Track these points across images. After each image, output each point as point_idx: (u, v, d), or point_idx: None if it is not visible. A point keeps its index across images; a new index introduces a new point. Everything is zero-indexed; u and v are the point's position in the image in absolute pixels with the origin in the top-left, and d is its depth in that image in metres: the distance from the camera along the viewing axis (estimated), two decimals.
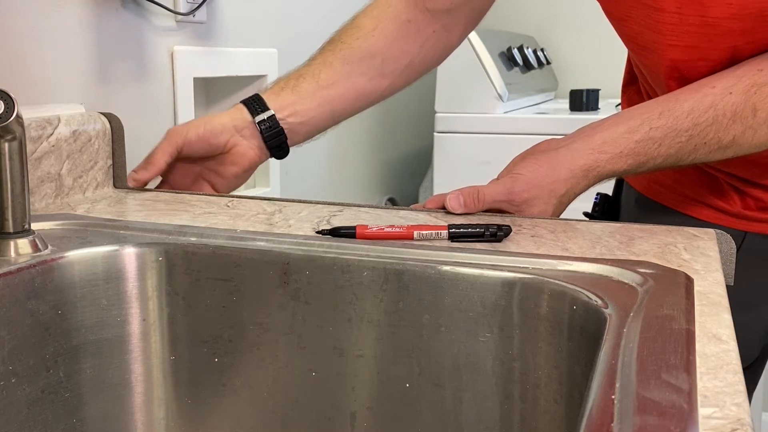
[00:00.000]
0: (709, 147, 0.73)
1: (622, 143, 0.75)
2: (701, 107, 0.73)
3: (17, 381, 0.56)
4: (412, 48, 0.95)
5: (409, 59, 0.95)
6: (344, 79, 0.93)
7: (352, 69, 0.94)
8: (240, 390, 0.64)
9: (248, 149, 0.91)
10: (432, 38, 0.95)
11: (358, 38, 0.94)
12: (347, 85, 0.93)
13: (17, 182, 0.58)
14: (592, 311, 0.51)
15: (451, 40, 0.97)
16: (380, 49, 0.94)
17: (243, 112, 0.91)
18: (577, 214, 0.77)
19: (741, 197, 0.85)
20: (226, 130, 0.90)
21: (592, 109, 1.88)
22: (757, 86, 0.71)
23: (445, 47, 0.97)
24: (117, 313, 0.63)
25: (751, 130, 0.71)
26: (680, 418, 0.34)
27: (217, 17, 1.16)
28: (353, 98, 0.94)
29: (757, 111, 0.71)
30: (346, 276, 0.61)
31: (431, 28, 0.95)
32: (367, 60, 0.94)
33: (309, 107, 0.92)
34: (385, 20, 0.95)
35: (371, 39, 0.94)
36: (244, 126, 0.90)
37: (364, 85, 0.94)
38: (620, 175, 0.77)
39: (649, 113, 0.75)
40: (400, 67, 0.95)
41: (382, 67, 0.94)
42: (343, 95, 0.93)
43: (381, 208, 0.79)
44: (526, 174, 0.76)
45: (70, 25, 0.89)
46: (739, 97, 0.72)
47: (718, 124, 0.72)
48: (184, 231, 0.66)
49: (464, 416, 0.59)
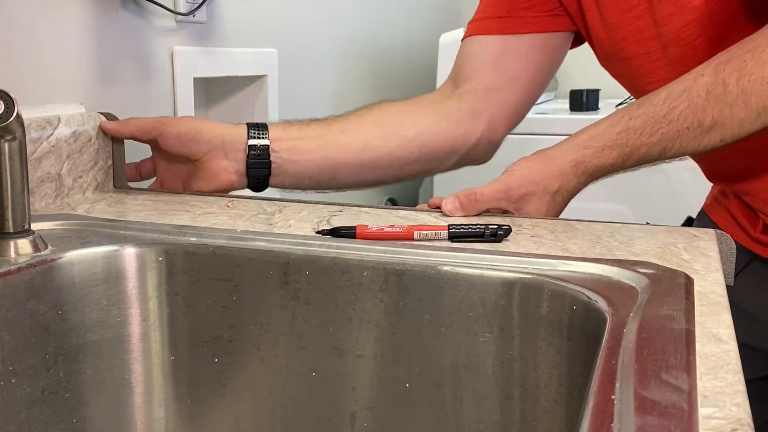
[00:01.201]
0: (692, 132, 0.74)
1: (605, 137, 0.76)
2: (676, 92, 0.74)
3: (17, 381, 0.56)
4: (430, 117, 0.94)
5: (425, 127, 0.93)
6: (355, 130, 0.91)
7: (365, 123, 0.92)
8: (240, 390, 0.64)
9: (222, 170, 0.87)
10: (454, 115, 0.94)
11: (381, 106, 0.95)
12: (356, 135, 0.91)
13: (17, 182, 0.58)
14: (592, 311, 0.51)
15: (476, 126, 0.94)
16: (398, 113, 0.94)
17: (241, 131, 0.87)
18: (577, 214, 0.77)
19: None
20: (212, 142, 0.86)
21: (592, 109, 1.89)
22: (723, 63, 0.72)
23: (467, 130, 0.94)
24: (117, 313, 0.63)
25: (727, 107, 0.72)
26: (680, 418, 0.34)
27: (217, 17, 1.16)
28: (358, 149, 0.90)
29: (727, 86, 0.71)
30: (346, 276, 0.60)
31: (456, 105, 0.94)
32: (385, 119, 0.93)
33: (308, 147, 0.89)
34: (409, 101, 0.96)
35: (393, 107, 0.95)
36: (233, 145, 0.87)
37: (373, 137, 0.91)
38: (608, 169, 0.78)
39: (629, 107, 0.78)
40: (414, 132, 0.93)
41: (396, 127, 0.92)
42: (349, 144, 0.90)
43: (381, 208, 0.79)
44: (521, 170, 0.77)
45: (70, 25, 0.89)
46: (709, 77, 0.73)
47: (694, 106, 0.73)
48: (184, 231, 0.66)
49: (464, 416, 0.59)
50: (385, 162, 0.92)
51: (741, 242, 0.89)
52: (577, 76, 2.16)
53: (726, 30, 0.78)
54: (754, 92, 0.70)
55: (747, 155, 0.86)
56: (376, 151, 0.91)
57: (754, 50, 0.71)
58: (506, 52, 0.92)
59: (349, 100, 1.71)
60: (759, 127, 0.72)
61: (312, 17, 1.48)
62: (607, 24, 0.86)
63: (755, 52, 0.70)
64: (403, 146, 0.92)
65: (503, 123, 0.95)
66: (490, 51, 0.93)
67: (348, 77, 1.69)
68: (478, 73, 0.93)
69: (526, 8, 0.91)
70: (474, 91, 0.93)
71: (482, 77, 0.93)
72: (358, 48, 1.73)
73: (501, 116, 0.95)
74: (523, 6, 0.91)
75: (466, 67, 0.95)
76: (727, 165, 0.91)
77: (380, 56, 1.86)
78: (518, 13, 0.92)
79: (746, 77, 0.70)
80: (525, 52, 0.92)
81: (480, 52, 0.94)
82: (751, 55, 0.70)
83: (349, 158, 0.90)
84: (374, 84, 1.84)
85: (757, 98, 0.70)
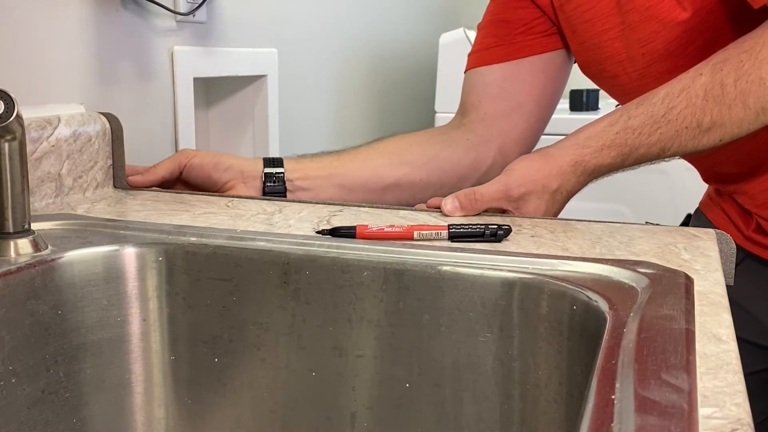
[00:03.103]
0: (691, 132, 0.74)
1: (604, 136, 0.77)
2: (674, 92, 0.75)
3: (17, 381, 0.56)
4: (438, 146, 0.95)
5: (433, 153, 0.94)
6: (364, 159, 0.94)
7: (373, 152, 0.94)
8: (240, 390, 0.64)
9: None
10: (463, 143, 0.95)
11: (391, 138, 0.97)
12: (365, 164, 0.93)
13: (17, 182, 0.58)
14: (592, 311, 0.51)
15: (486, 153, 0.95)
16: (406, 143, 0.96)
17: (257, 162, 0.92)
18: (577, 214, 0.77)
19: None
20: (232, 170, 0.90)
21: (592, 109, 1.88)
22: (721, 63, 0.73)
23: (477, 157, 0.95)
24: (117, 313, 0.63)
25: (725, 107, 0.72)
26: (680, 418, 0.34)
27: (217, 17, 1.16)
28: (366, 177, 0.93)
29: (725, 86, 0.71)
30: (346, 276, 0.60)
31: (464, 135, 0.95)
32: (392, 149, 0.95)
33: (319, 174, 0.92)
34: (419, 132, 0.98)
35: (402, 139, 0.97)
36: (250, 174, 0.91)
37: (381, 165, 0.93)
38: (607, 168, 0.78)
39: (628, 106, 0.78)
40: (422, 159, 0.94)
41: (404, 156, 0.94)
42: (357, 170, 0.93)
43: (381, 208, 0.79)
44: (520, 169, 0.77)
45: (70, 25, 0.89)
46: (707, 77, 0.73)
47: (693, 106, 0.73)
48: (184, 231, 0.66)
49: (464, 416, 0.59)
50: (394, 189, 0.94)
51: (735, 240, 0.89)
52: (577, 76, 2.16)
53: (713, 38, 0.78)
54: (752, 93, 0.70)
55: (743, 157, 0.86)
56: (384, 179, 0.94)
57: (751, 50, 0.71)
58: (508, 80, 0.93)
59: (349, 100, 1.71)
60: (758, 126, 0.72)
61: (312, 17, 1.48)
62: (587, 47, 0.87)
63: (752, 52, 0.71)
64: (412, 173, 0.94)
65: (515, 148, 0.96)
66: (492, 81, 0.94)
67: (348, 77, 1.69)
68: (484, 103, 0.94)
69: (521, 33, 0.92)
70: (481, 120, 0.95)
71: (488, 107, 0.94)
72: (358, 48, 1.73)
73: (511, 142, 0.95)
74: (519, 31, 0.92)
75: (471, 98, 0.96)
76: (723, 167, 0.91)
77: (380, 56, 1.86)
78: (514, 38, 0.93)
79: (744, 78, 0.70)
80: (527, 76, 0.93)
81: (482, 83, 0.95)
82: (748, 56, 0.71)
83: (357, 185, 0.93)
84: (374, 84, 1.84)
85: (755, 99, 0.70)
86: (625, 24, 0.82)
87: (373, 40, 1.81)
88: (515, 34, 0.92)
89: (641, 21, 0.80)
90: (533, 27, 0.91)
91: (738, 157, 0.86)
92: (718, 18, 0.78)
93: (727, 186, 0.94)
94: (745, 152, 0.84)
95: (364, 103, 1.81)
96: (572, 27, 0.87)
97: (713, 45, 0.77)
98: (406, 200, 0.95)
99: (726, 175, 0.92)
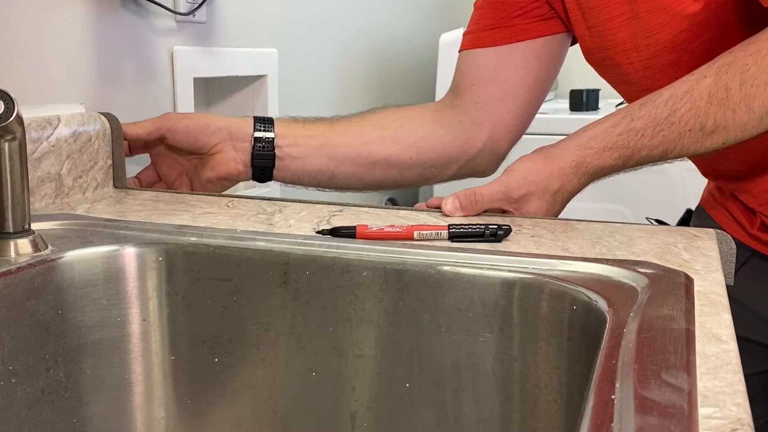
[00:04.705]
0: (694, 134, 0.74)
1: (606, 138, 0.76)
2: (678, 94, 0.74)
3: (17, 381, 0.56)
4: (429, 125, 0.94)
5: (425, 132, 0.94)
6: (355, 131, 0.93)
7: (366, 125, 0.94)
8: (240, 390, 0.64)
9: (230, 160, 0.90)
10: (455, 125, 0.94)
11: (384, 110, 0.96)
12: (356, 136, 0.93)
13: (17, 182, 0.58)
14: (592, 311, 0.51)
15: (477, 137, 0.95)
16: (399, 118, 0.95)
17: (248, 123, 0.90)
18: (577, 214, 0.77)
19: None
20: (219, 134, 0.89)
21: (592, 109, 1.89)
22: (726, 65, 0.72)
23: (468, 140, 0.95)
24: (117, 313, 0.63)
25: (730, 111, 0.71)
26: (680, 418, 0.34)
27: (217, 17, 1.16)
28: (356, 151, 0.92)
29: (730, 90, 0.71)
30: (346, 276, 0.60)
31: (457, 117, 0.95)
32: (385, 123, 0.94)
33: (309, 144, 0.91)
34: (412, 107, 0.97)
35: (395, 112, 0.96)
36: (240, 136, 0.90)
37: (372, 139, 0.93)
38: (609, 170, 0.78)
39: (631, 107, 0.77)
40: (413, 137, 0.93)
41: (395, 131, 0.93)
42: (348, 144, 0.92)
43: (381, 207, 0.79)
44: (521, 170, 0.77)
45: (70, 25, 0.89)
46: (712, 79, 0.72)
47: (696, 109, 0.73)
48: (184, 231, 0.66)
49: (464, 416, 0.59)
50: (383, 165, 0.93)
51: (740, 239, 0.89)
52: (577, 76, 2.16)
53: (721, 33, 0.78)
54: (757, 97, 0.70)
55: (745, 156, 0.86)
56: (374, 154, 0.93)
57: (758, 53, 0.70)
58: (502, 64, 0.93)
59: (349, 100, 1.71)
60: (762, 130, 0.72)
61: (312, 17, 1.48)
62: (594, 33, 0.86)
63: (758, 55, 0.70)
64: (402, 151, 0.93)
65: (506, 134, 0.95)
66: (486, 64, 0.93)
67: (348, 77, 1.69)
68: (477, 86, 0.94)
69: (518, 15, 0.91)
70: (474, 102, 0.94)
71: (481, 90, 0.94)
72: (358, 48, 1.73)
73: (503, 127, 0.95)
74: (516, 14, 0.91)
75: (464, 79, 0.95)
76: (725, 165, 0.91)
77: (380, 56, 1.86)
78: (511, 21, 0.92)
79: (749, 81, 0.70)
80: (521, 61, 0.92)
81: (476, 65, 0.94)
82: (754, 59, 0.70)
83: (347, 158, 0.92)
84: (374, 84, 1.84)
85: (760, 103, 0.70)
86: (633, 13, 0.81)
87: (374, 40, 1.81)
88: (512, 17, 0.91)
89: (649, 11, 0.80)
90: (531, 10, 0.91)
91: (740, 155, 0.86)
92: (727, 14, 0.77)
93: (728, 183, 0.93)
94: (747, 151, 0.84)
95: (364, 103, 1.80)
96: (581, 11, 0.86)
97: (720, 41, 0.76)
98: (394, 177, 0.95)
99: (727, 172, 0.92)
